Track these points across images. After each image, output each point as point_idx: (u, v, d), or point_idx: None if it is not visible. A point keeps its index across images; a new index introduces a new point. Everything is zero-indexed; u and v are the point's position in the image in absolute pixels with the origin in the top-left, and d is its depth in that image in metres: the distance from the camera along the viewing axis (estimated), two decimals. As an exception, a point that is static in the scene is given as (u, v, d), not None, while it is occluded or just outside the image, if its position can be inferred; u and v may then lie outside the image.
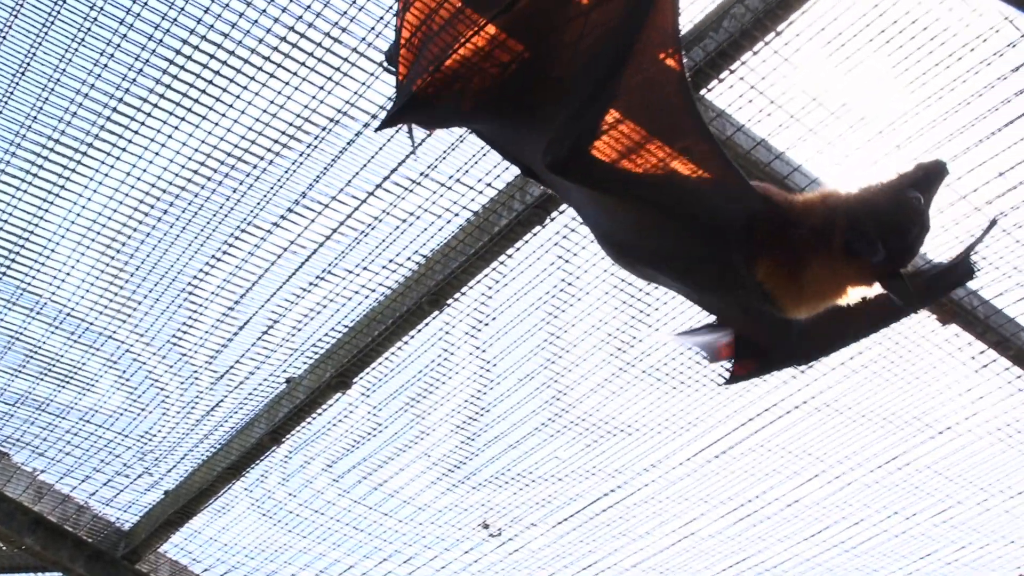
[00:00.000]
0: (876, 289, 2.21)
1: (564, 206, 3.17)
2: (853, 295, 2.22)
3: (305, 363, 3.94)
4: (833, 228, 2.13)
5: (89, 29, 2.87)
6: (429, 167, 3.16)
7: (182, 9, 2.80)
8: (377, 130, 2.82)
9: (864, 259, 2.12)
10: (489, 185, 3.21)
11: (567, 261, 3.45)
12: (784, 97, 3.02)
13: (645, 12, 1.92)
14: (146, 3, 2.79)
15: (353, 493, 4.71)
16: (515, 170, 3.13)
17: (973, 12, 2.77)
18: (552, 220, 3.23)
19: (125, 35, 2.87)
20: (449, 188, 3.20)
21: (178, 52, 2.92)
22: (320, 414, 4.12)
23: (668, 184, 2.07)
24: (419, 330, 3.67)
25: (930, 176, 2.29)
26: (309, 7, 2.80)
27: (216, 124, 3.10)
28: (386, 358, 3.81)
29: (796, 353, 2.74)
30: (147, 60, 2.94)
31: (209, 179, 3.26)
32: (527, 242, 3.31)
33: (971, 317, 3.56)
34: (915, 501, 4.68)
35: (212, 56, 2.93)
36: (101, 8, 2.82)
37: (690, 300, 2.78)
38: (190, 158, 3.19)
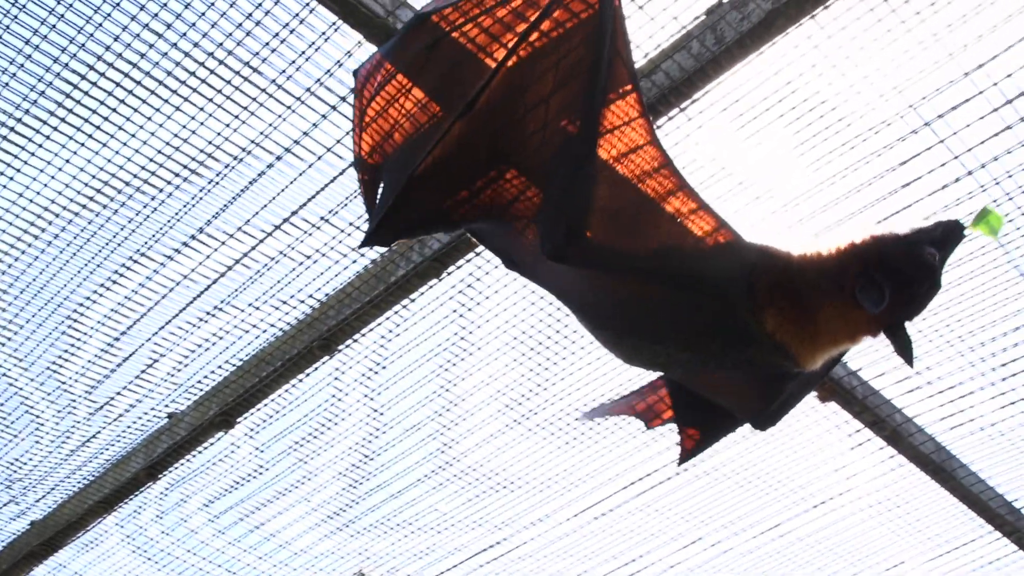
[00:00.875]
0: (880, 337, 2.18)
1: (462, 261, 3.19)
2: (861, 342, 2.15)
3: (189, 399, 3.87)
4: (845, 274, 2.05)
5: (-7, 45, 2.82)
6: (330, 212, 3.16)
7: (91, 36, 2.77)
8: (360, 248, 2.75)
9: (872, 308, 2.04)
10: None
11: (461, 316, 3.47)
12: (685, 171, 3.08)
13: (605, 85, 1.91)
14: (54, 26, 2.75)
15: (229, 534, 4.62)
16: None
17: (880, 97, 2.89)
18: (449, 274, 3.24)
19: (30, 56, 2.82)
20: (348, 235, 3.19)
21: (83, 77, 2.87)
22: (201, 451, 4.05)
23: (667, 251, 2.02)
24: (308, 374, 3.64)
25: (948, 235, 2.19)
26: (222, 44, 2.79)
27: (117, 152, 3.05)
28: (273, 399, 3.77)
29: (773, 415, 2.58)
30: (50, 83, 2.89)
31: (105, 206, 3.20)
32: (423, 294, 3.32)
33: (849, 396, 3.67)
34: (791, 570, 4.77)
35: (118, 84, 2.89)
36: (7, 27, 2.77)
37: (689, 374, 2.66)
38: (86, 184, 3.13)
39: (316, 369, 3.64)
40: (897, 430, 3.83)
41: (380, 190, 2.13)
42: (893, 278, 2.04)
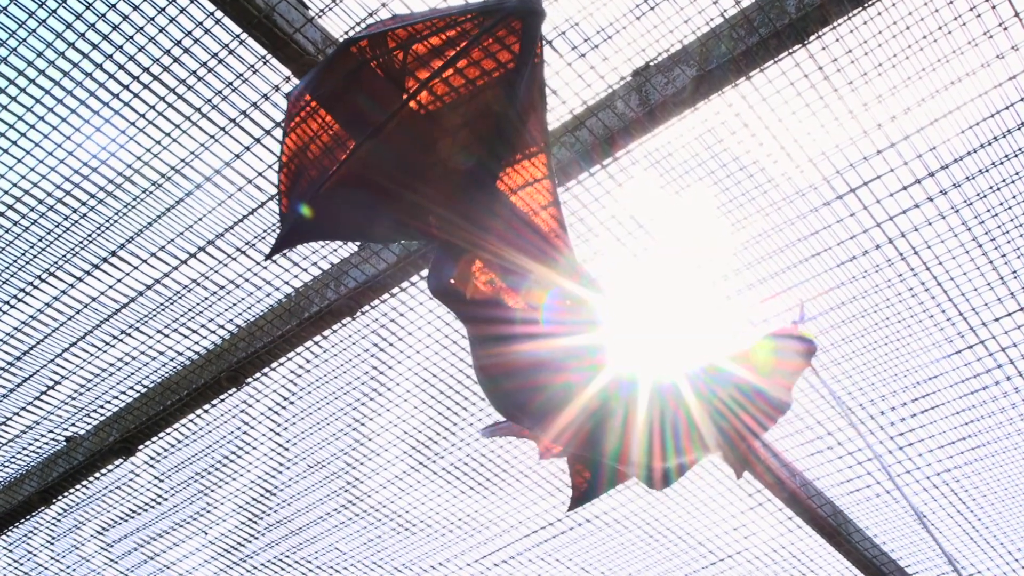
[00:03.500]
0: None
1: (377, 300, 3.19)
2: None
3: (89, 423, 3.78)
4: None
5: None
6: (247, 244, 3.13)
7: (13, 50, 2.72)
8: (267, 259, 2.79)
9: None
10: (315, 264, 3.19)
11: (373, 356, 3.46)
12: (603, 226, 3.13)
13: (513, 136, 1.95)
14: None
15: (123, 563, 4.51)
16: (334, 258, 3.15)
17: (796, 168, 2.96)
18: (363, 313, 3.23)
19: (-53, 65, 2.77)
20: (264, 267, 3.17)
21: (2, 91, 2.82)
22: (98, 478, 3.95)
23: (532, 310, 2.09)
24: (214, 404, 3.58)
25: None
26: (148, 68, 2.76)
27: (32, 169, 2.99)
28: (176, 428, 3.70)
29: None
30: (-34, 94, 2.83)
31: (16, 223, 3.12)
32: (335, 331, 3.31)
33: (753, 457, 3.72)
34: (687, 625, 4.79)
35: (38, 101, 2.84)
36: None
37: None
38: (-1, 199, 3.07)
39: (222, 400, 3.59)
40: (796, 492, 3.89)
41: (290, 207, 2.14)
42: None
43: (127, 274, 3.22)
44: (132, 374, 3.56)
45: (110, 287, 3.25)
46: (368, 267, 3.09)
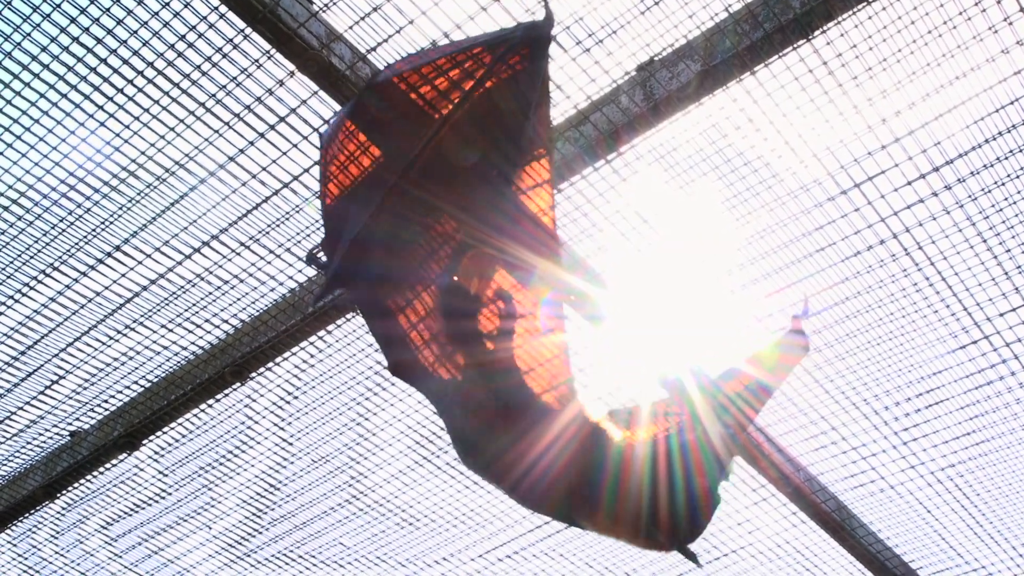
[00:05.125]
0: None
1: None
2: None
3: (94, 418, 3.79)
4: None
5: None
6: (251, 238, 3.13)
7: (18, 44, 2.72)
8: (315, 304, 2.82)
9: None
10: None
11: (377, 350, 3.45)
12: (607, 222, 3.13)
13: (524, 149, 2.00)
14: (-18, 30, 2.70)
15: (127, 557, 4.52)
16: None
17: (800, 163, 2.96)
18: (367, 308, 3.23)
19: (-50, 59, 2.77)
20: (268, 262, 3.17)
21: (6, 86, 2.82)
22: (102, 472, 3.96)
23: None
24: (218, 399, 3.59)
25: None
26: (153, 63, 2.76)
27: (37, 163, 2.99)
28: (180, 423, 3.71)
29: None
30: (-29, 87, 2.83)
31: (20, 217, 3.13)
32: (339, 326, 3.31)
33: (757, 452, 3.72)
34: (690, 620, 4.79)
35: (42, 95, 2.84)
36: (-70, 29, 2.72)
37: None
38: (2, 194, 3.06)
39: (227, 395, 3.59)
40: (801, 487, 3.89)
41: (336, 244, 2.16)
42: None
43: (131, 268, 3.23)
44: (136, 369, 3.57)
45: (114, 282, 3.26)
46: (372, 262, 3.09)
